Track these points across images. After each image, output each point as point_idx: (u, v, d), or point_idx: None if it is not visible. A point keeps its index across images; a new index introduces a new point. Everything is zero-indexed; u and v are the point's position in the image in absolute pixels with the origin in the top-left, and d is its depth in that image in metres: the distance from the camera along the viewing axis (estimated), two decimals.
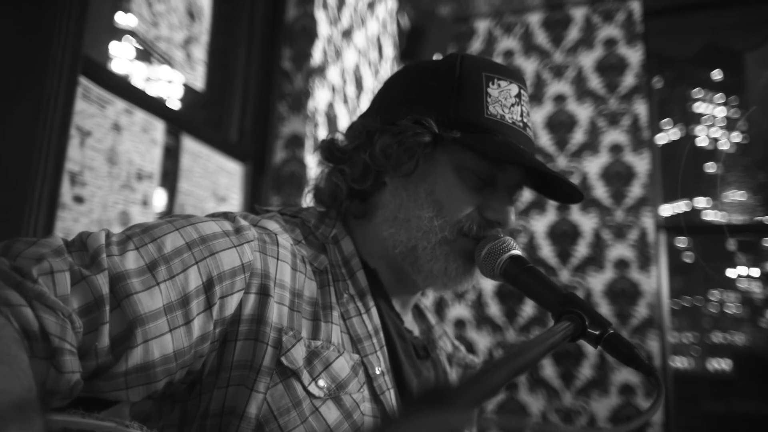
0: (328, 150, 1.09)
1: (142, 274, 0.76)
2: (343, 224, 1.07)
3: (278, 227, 0.96)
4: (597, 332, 0.79)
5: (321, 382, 0.86)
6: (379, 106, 1.08)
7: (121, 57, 2.29)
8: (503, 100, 0.99)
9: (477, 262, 0.98)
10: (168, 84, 2.37)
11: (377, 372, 0.94)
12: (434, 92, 1.00)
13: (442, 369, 1.17)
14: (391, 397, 0.94)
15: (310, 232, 1.02)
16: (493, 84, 0.99)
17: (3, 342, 0.59)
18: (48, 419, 0.60)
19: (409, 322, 1.13)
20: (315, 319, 0.92)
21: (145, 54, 2.30)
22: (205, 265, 0.81)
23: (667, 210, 3.91)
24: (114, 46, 2.29)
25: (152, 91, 2.26)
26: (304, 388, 0.85)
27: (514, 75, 1.03)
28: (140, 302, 0.74)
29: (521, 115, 1.01)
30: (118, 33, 2.25)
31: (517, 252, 0.95)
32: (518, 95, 1.01)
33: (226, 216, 0.92)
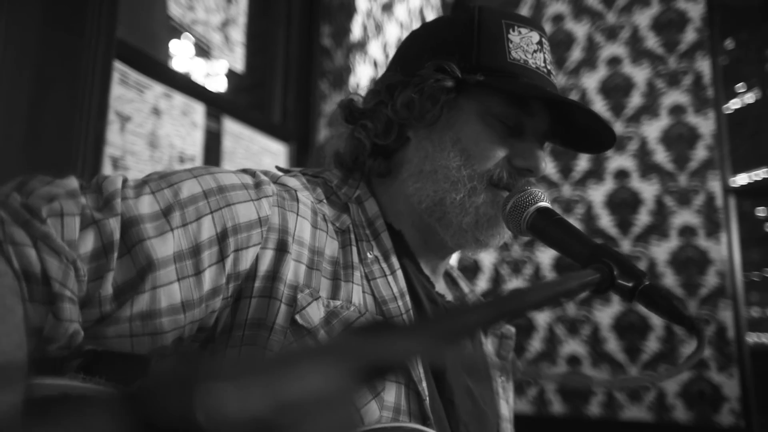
0: (347, 109, 1.07)
1: (155, 219, 0.74)
2: (367, 185, 1.03)
3: (299, 184, 0.93)
4: (630, 284, 0.73)
5: None
6: (398, 62, 1.05)
7: (180, 55, 2.30)
8: (525, 46, 0.97)
9: (503, 218, 0.93)
10: (210, 76, 2.38)
11: None
12: (454, 42, 0.98)
13: (477, 339, 1.11)
14: (418, 362, 0.90)
15: (333, 192, 0.99)
16: (513, 31, 0.97)
17: None
18: (32, 383, 0.59)
19: (442, 287, 1.08)
20: (335, 278, 0.88)
21: (200, 50, 2.31)
22: (220, 216, 0.79)
23: (743, 178, 3.69)
24: (174, 45, 2.29)
25: (197, 79, 2.27)
26: None
27: (533, 23, 1.01)
28: (153, 248, 0.72)
29: (545, 62, 0.98)
30: (176, 31, 2.25)
31: (544, 204, 0.89)
32: (540, 42, 0.98)
33: (246, 171, 0.90)
